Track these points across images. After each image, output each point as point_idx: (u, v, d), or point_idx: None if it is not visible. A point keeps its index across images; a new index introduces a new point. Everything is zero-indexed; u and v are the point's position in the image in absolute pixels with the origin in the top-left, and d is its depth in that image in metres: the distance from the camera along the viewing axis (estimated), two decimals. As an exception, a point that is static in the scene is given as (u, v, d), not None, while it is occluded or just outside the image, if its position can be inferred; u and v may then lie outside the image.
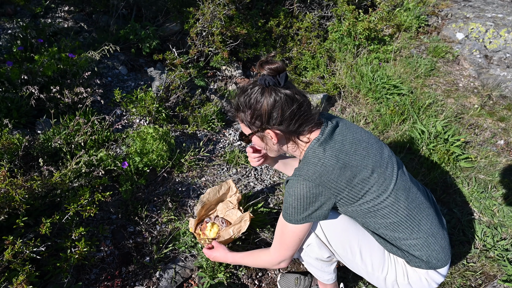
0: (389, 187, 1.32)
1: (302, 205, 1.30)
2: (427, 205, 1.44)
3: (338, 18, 4.21)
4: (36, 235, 1.75)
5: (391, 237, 1.40)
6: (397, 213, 1.34)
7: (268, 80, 1.26)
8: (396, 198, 1.33)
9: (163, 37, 3.51)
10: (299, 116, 1.31)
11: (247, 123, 1.36)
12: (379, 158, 1.35)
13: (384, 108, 3.33)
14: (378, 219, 1.36)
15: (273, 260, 1.51)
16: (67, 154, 2.22)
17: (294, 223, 1.35)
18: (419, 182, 1.75)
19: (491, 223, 2.41)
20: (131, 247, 2.02)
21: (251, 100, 1.30)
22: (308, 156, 1.33)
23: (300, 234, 1.40)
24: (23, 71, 2.38)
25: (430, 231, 1.39)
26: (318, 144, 1.33)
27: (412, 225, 1.36)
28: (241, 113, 1.35)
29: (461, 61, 4.05)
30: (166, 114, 2.79)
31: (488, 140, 3.13)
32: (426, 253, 1.39)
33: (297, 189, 1.28)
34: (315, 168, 1.28)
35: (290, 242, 1.42)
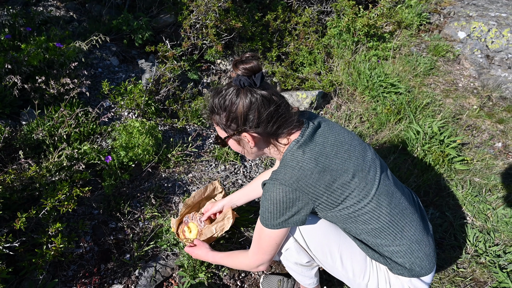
0: (370, 192, 1.26)
1: (278, 210, 1.25)
2: (411, 210, 1.37)
3: (338, 13, 4.12)
4: (10, 230, 1.70)
5: (373, 243, 1.35)
6: (379, 219, 1.29)
7: (243, 81, 1.19)
8: (378, 203, 1.27)
9: (156, 28, 3.43)
10: (276, 118, 1.25)
11: (222, 126, 1.31)
12: (362, 162, 1.29)
13: (380, 107, 3.26)
14: (359, 224, 1.30)
15: (251, 264, 1.46)
16: (50, 147, 2.16)
17: (271, 227, 1.30)
18: (405, 186, 1.69)
19: (484, 227, 2.35)
20: (112, 244, 1.97)
21: (226, 102, 1.23)
22: (286, 159, 1.27)
23: (277, 239, 1.35)
24: (8, 60, 2.31)
25: (414, 238, 1.34)
26: (297, 147, 1.27)
27: (394, 231, 1.31)
28: (215, 115, 1.30)
29: (461, 60, 3.96)
30: (155, 108, 2.73)
31: (485, 142, 3.06)
32: (409, 260, 1.33)
33: (273, 194, 1.23)
34: (292, 171, 1.23)
35: (267, 247, 1.38)
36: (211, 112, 1.31)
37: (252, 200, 1.98)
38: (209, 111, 1.33)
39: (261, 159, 2.72)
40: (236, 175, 2.52)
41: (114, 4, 3.46)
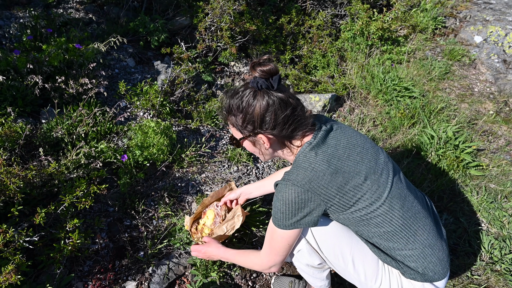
0: (383, 195, 1.27)
1: (290, 211, 1.26)
2: (424, 214, 1.37)
3: (352, 17, 4.12)
4: (30, 224, 1.75)
5: (386, 247, 1.35)
6: (392, 222, 1.28)
7: (260, 83, 1.21)
8: (390, 206, 1.27)
9: (172, 30, 3.49)
10: (292, 120, 1.27)
11: (238, 127, 1.32)
12: (374, 164, 1.30)
13: (394, 111, 3.24)
14: (371, 227, 1.30)
15: (263, 264, 1.47)
16: (68, 145, 2.22)
17: (283, 228, 1.31)
18: (419, 189, 1.68)
19: (500, 235, 2.32)
20: (126, 241, 2.01)
21: (243, 104, 1.25)
22: (299, 160, 1.28)
23: (289, 240, 1.36)
24: (30, 60, 2.39)
25: (427, 242, 1.33)
26: (310, 148, 1.28)
27: (407, 235, 1.30)
28: (231, 116, 1.31)
29: (478, 65, 3.91)
30: (170, 108, 2.77)
31: (502, 148, 3.01)
32: (422, 265, 1.33)
33: (285, 194, 1.24)
34: (305, 173, 1.24)
35: (279, 247, 1.39)
36: (228, 113, 1.32)
37: (268, 193, 1.96)
38: (225, 112, 1.33)
39: (274, 160, 2.73)
40: (248, 176, 2.53)
41: (131, 7, 3.53)
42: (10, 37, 2.80)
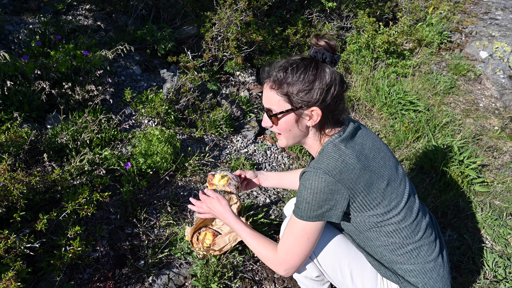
0: (399, 204, 1.27)
1: (317, 201, 1.20)
2: (430, 231, 1.37)
3: (358, 29, 4.15)
4: (32, 230, 1.75)
5: (388, 260, 1.33)
6: (401, 234, 1.29)
7: (326, 55, 1.19)
8: (404, 217, 1.28)
9: (179, 39, 3.52)
10: (343, 102, 1.26)
11: (291, 97, 1.22)
12: (395, 173, 1.31)
13: (398, 124, 3.23)
14: (381, 236, 1.30)
15: (278, 263, 1.33)
16: (73, 151, 2.23)
17: (306, 219, 1.23)
18: (425, 205, 1.67)
19: (504, 253, 2.28)
20: (127, 249, 2.00)
21: (307, 73, 1.19)
22: (328, 150, 1.24)
23: (310, 234, 1.26)
24: (38, 66, 2.41)
25: (429, 258, 1.33)
26: (340, 140, 1.26)
27: (412, 248, 1.30)
28: (285, 85, 1.21)
29: (483, 80, 3.91)
30: (174, 117, 2.78)
31: (507, 165, 2.99)
32: (422, 281, 1.32)
33: (315, 183, 1.18)
34: (336, 163, 1.19)
35: (299, 244, 1.28)
36: (281, 81, 1.22)
37: (283, 187, 1.84)
38: (277, 80, 1.23)
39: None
40: (251, 187, 2.53)
41: (139, 15, 3.57)
42: (19, 42, 2.83)
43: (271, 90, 1.25)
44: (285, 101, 1.24)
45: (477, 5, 5.21)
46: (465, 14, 4.92)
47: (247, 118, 3.19)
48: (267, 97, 1.27)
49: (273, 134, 3.12)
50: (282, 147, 1.40)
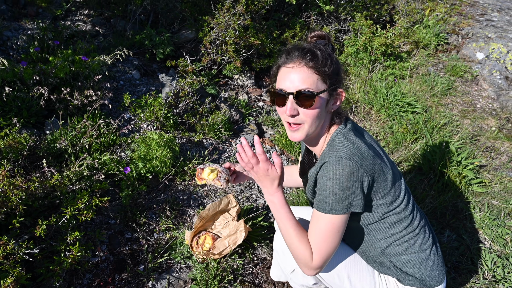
0: (401, 194, 1.31)
1: (344, 191, 1.16)
2: (423, 221, 1.43)
3: (355, 32, 4.17)
4: (31, 236, 1.75)
5: (388, 253, 1.36)
6: (402, 224, 1.33)
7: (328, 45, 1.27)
8: (404, 207, 1.32)
9: (177, 44, 3.54)
10: None
11: (327, 76, 1.21)
12: (393, 166, 1.34)
13: (397, 126, 3.25)
14: (383, 227, 1.33)
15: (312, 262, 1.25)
16: (72, 156, 2.23)
17: (335, 213, 1.19)
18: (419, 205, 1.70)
19: (503, 253, 2.29)
20: (127, 254, 2.00)
21: (332, 54, 1.22)
22: (340, 139, 1.24)
23: (340, 228, 1.21)
24: (36, 71, 2.42)
25: (425, 246, 1.37)
26: (347, 130, 1.27)
27: (410, 238, 1.35)
28: (321, 64, 1.19)
29: (480, 81, 3.93)
30: (174, 121, 2.79)
31: (504, 165, 3.00)
32: (419, 270, 1.36)
33: (340, 172, 1.14)
34: (353, 150, 1.18)
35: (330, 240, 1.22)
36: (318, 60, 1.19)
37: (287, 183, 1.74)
38: (314, 59, 1.20)
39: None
40: (250, 190, 2.53)
41: (138, 20, 3.59)
42: (18, 48, 2.84)
43: (308, 69, 1.20)
44: (322, 81, 1.21)
45: (473, 7, 5.25)
46: (462, 16, 4.95)
47: (246, 121, 3.20)
48: (302, 77, 1.19)
49: (272, 138, 3.13)
50: (298, 139, 1.27)
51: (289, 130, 1.28)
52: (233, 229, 2.02)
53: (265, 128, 3.25)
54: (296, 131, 1.26)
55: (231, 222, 2.10)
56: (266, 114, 3.34)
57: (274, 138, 3.08)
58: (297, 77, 1.20)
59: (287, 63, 1.23)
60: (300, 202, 2.47)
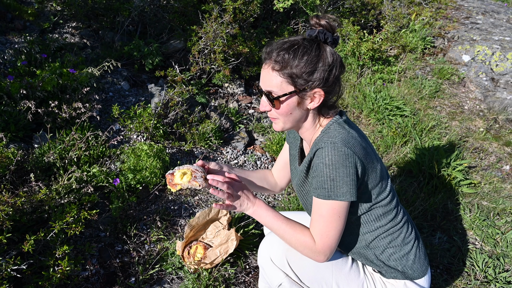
0: (387, 186, 1.34)
1: (341, 176, 1.16)
2: (407, 218, 1.46)
3: (343, 38, 4.22)
4: (19, 252, 1.73)
5: (373, 246, 1.39)
6: (387, 216, 1.36)
7: (327, 36, 1.17)
8: (390, 199, 1.35)
9: (166, 54, 3.55)
10: (340, 84, 1.25)
11: (293, 78, 1.18)
12: (381, 161, 1.36)
13: (386, 130, 3.28)
14: (370, 220, 1.35)
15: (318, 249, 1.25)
16: (60, 169, 2.22)
17: (334, 198, 1.18)
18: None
19: (494, 253, 2.31)
20: (117, 267, 1.98)
21: (309, 53, 1.16)
22: (335, 127, 1.24)
23: (341, 213, 1.21)
24: (23, 85, 2.41)
25: (408, 239, 1.40)
26: (342, 120, 1.28)
27: (394, 231, 1.38)
28: (287, 66, 1.17)
29: (467, 83, 3.99)
30: (163, 131, 2.79)
31: (493, 165, 3.04)
32: (401, 263, 1.38)
33: (335, 157, 1.15)
34: (347, 137, 1.19)
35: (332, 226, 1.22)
36: (283, 62, 1.18)
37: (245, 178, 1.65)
38: (279, 61, 1.18)
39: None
40: (241, 198, 2.53)
41: (126, 31, 3.60)
42: (5, 62, 2.83)
43: (272, 71, 1.19)
44: (288, 83, 1.19)
45: (459, 10, 5.34)
46: (447, 20, 5.03)
47: (237, 129, 3.20)
48: (267, 79, 1.21)
49: (262, 145, 3.14)
50: (277, 131, 1.33)
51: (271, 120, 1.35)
52: (224, 238, 2.01)
53: (256, 135, 3.26)
54: (274, 123, 1.32)
55: (222, 231, 2.10)
56: (256, 121, 3.35)
57: (265, 145, 3.09)
58: (263, 78, 1.24)
59: (263, 61, 1.25)
60: (292, 208, 2.48)
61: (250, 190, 1.34)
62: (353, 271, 1.43)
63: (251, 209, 1.31)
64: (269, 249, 1.42)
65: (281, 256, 1.38)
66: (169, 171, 1.38)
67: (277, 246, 1.40)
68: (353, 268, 1.44)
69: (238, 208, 1.30)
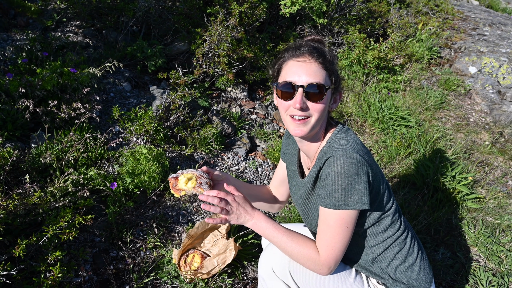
0: (392, 196, 1.33)
1: (353, 185, 1.14)
2: (409, 227, 1.45)
3: (349, 45, 4.17)
4: (10, 256, 1.68)
5: (380, 258, 1.36)
6: (394, 227, 1.34)
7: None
8: (395, 210, 1.33)
9: (170, 56, 3.51)
10: None
11: (333, 74, 1.25)
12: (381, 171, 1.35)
13: (390, 140, 3.22)
14: (378, 232, 1.33)
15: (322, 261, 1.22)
16: (57, 171, 2.17)
17: (344, 208, 1.16)
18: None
19: (498, 271, 2.25)
20: (111, 274, 1.92)
21: (335, 56, 1.26)
22: (341, 136, 1.26)
23: (349, 224, 1.18)
24: (23, 84, 2.37)
25: (411, 251, 1.38)
26: (345, 130, 1.29)
27: (399, 242, 1.36)
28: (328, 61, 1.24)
29: (473, 95, 3.93)
30: (164, 134, 2.74)
31: (498, 180, 2.98)
32: (406, 275, 1.36)
33: (348, 165, 1.12)
34: (356, 145, 1.20)
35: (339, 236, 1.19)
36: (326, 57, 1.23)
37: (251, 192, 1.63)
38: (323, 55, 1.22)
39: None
40: (241, 206, 2.47)
41: (130, 31, 3.56)
42: (5, 59, 2.79)
43: (318, 64, 1.21)
44: (329, 78, 1.23)
45: (466, 21, 5.30)
46: (454, 30, 4.99)
47: (239, 135, 3.15)
48: (315, 71, 1.20)
49: (264, 151, 3.09)
50: (302, 134, 1.23)
51: (293, 124, 1.24)
52: (223, 248, 1.95)
53: (258, 141, 3.20)
54: (301, 125, 1.23)
55: (220, 240, 2.04)
56: (259, 127, 3.30)
57: (267, 152, 3.04)
58: (308, 71, 1.20)
59: (296, 56, 1.22)
60: (293, 218, 2.42)
61: (248, 202, 1.30)
62: (356, 284, 1.40)
63: (250, 222, 1.27)
64: (271, 259, 1.39)
65: (283, 267, 1.35)
66: (173, 175, 1.32)
67: (279, 256, 1.37)
68: (357, 280, 1.41)
69: (235, 222, 1.26)
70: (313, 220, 1.37)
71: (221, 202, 1.21)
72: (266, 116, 3.49)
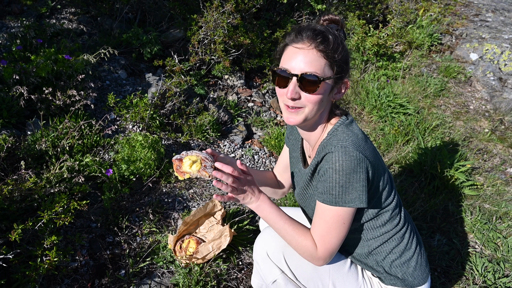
0: (393, 190, 1.31)
1: (351, 182, 1.11)
2: (409, 221, 1.43)
3: (347, 32, 4.12)
4: (6, 241, 1.69)
5: (376, 252, 1.35)
6: (393, 222, 1.32)
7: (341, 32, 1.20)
8: (395, 204, 1.32)
9: (165, 43, 3.47)
10: None
11: (335, 63, 1.15)
12: (384, 163, 1.33)
13: (388, 127, 3.20)
14: (377, 224, 1.31)
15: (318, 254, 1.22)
16: (53, 158, 2.17)
17: (341, 205, 1.14)
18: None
19: (494, 257, 2.25)
20: (107, 259, 1.94)
21: (343, 42, 1.16)
22: (343, 129, 1.21)
23: (345, 217, 1.17)
24: (17, 71, 2.35)
25: (409, 247, 1.37)
26: (348, 122, 1.24)
27: (398, 237, 1.34)
28: (331, 50, 1.13)
29: (473, 82, 3.89)
30: (160, 122, 2.73)
31: (496, 167, 2.96)
32: (401, 270, 1.35)
33: (346, 162, 1.10)
34: (357, 140, 1.16)
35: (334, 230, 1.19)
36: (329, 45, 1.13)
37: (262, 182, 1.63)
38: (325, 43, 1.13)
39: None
40: (237, 193, 2.48)
41: (125, 18, 3.52)
42: (0, 47, 2.77)
43: (317, 52, 1.12)
44: (329, 67, 1.15)
45: (468, 7, 5.22)
46: (456, 16, 4.92)
47: (235, 123, 3.14)
48: (312, 60, 1.13)
49: (261, 139, 3.08)
50: (295, 123, 1.21)
51: (286, 112, 1.21)
52: (218, 234, 1.96)
53: (254, 129, 3.19)
54: (294, 114, 1.19)
55: (215, 226, 2.05)
56: (255, 115, 3.28)
57: (263, 139, 3.03)
58: (304, 59, 1.13)
59: (296, 42, 1.15)
60: (288, 204, 2.42)
61: (256, 185, 1.27)
62: (351, 273, 1.40)
63: (255, 203, 1.25)
64: (266, 243, 1.39)
65: (278, 251, 1.35)
66: (177, 156, 1.28)
67: (274, 241, 1.37)
68: (352, 270, 1.41)
69: (241, 201, 1.25)
70: (311, 211, 1.36)
71: (234, 181, 1.18)
72: (263, 104, 3.47)
